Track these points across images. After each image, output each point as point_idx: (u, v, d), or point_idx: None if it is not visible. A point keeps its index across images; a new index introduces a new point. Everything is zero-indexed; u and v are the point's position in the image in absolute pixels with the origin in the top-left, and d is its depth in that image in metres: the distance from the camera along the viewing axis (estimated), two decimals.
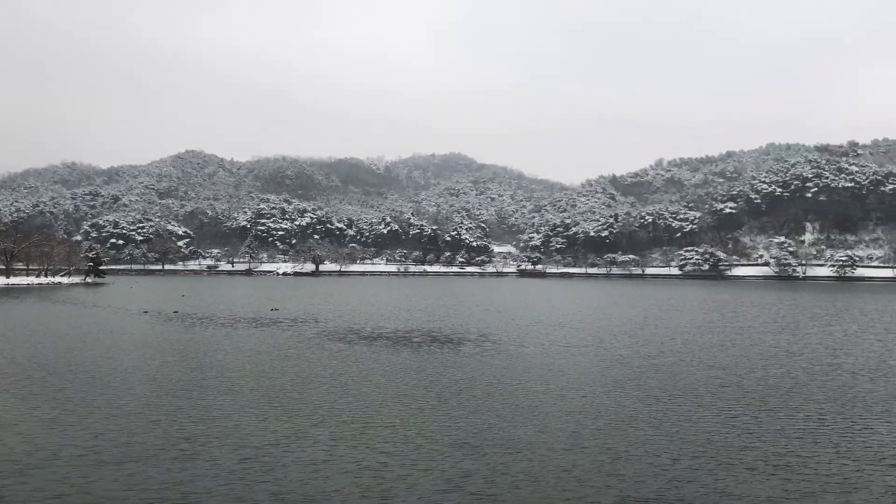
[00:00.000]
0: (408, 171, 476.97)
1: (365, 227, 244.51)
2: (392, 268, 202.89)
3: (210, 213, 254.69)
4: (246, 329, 34.68)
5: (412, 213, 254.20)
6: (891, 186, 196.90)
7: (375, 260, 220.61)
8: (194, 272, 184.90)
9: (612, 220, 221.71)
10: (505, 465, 11.99)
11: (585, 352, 26.66)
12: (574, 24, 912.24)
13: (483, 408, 16.54)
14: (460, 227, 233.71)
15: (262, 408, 16.29)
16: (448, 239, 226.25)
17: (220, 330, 34.14)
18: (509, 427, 14.65)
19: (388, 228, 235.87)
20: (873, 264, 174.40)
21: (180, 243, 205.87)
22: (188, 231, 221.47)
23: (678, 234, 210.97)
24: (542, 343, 29.26)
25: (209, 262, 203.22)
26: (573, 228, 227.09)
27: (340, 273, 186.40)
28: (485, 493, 10.66)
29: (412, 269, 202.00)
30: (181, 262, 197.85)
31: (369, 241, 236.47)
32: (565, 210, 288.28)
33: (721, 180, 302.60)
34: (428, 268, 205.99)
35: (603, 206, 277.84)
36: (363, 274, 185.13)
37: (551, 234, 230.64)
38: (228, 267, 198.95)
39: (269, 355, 25.14)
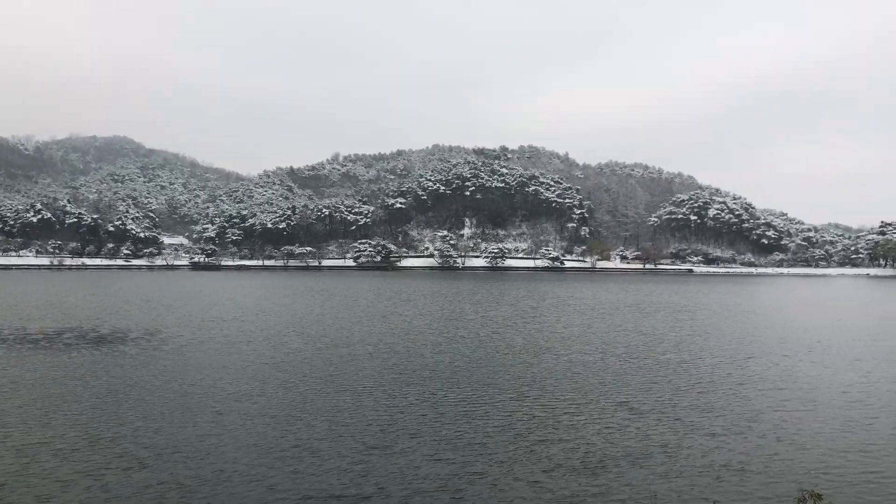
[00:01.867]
0: (64, 153, 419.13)
1: (10, 214, 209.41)
2: (44, 260, 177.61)
3: None
4: None
5: (69, 200, 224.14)
6: (533, 188, 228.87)
7: (23, 252, 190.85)
8: None
9: (289, 213, 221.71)
10: (177, 473, 10.86)
11: (261, 346, 25.90)
12: (259, 19, 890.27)
13: (151, 412, 15.00)
14: (126, 216, 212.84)
15: None
16: (111, 229, 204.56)
17: None
18: (180, 431, 13.40)
19: (39, 217, 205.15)
20: (519, 255, 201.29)
21: None
22: None
23: (353, 227, 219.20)
24: (213, 339, 27.71)
25: None
26: (250, 220, 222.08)
27: None
28: None
29: (68, 261, 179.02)
30: None
31: (15, 230, 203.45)
32: (242, 201, 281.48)
33: (392, 177, 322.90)
34: (88, 260, 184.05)
35: (281, 198, 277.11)
36: (8, 268, 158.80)
37: (227, 225, 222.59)
38: None
39: None
